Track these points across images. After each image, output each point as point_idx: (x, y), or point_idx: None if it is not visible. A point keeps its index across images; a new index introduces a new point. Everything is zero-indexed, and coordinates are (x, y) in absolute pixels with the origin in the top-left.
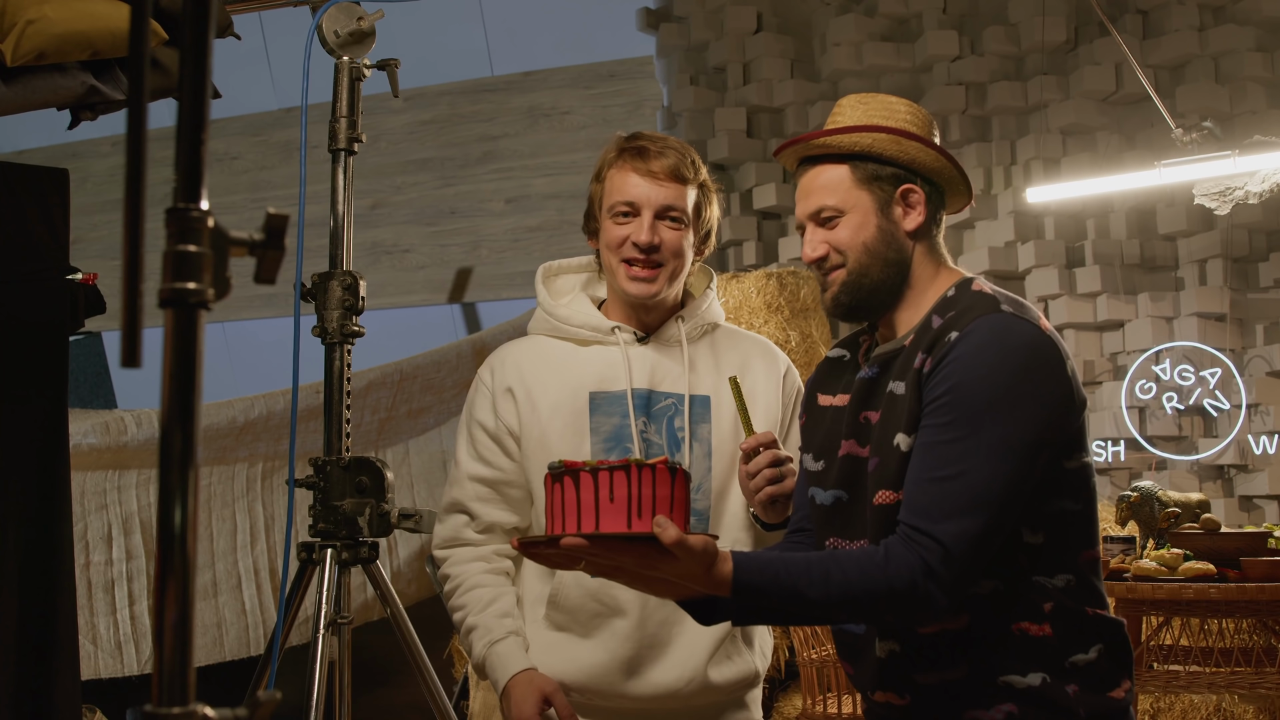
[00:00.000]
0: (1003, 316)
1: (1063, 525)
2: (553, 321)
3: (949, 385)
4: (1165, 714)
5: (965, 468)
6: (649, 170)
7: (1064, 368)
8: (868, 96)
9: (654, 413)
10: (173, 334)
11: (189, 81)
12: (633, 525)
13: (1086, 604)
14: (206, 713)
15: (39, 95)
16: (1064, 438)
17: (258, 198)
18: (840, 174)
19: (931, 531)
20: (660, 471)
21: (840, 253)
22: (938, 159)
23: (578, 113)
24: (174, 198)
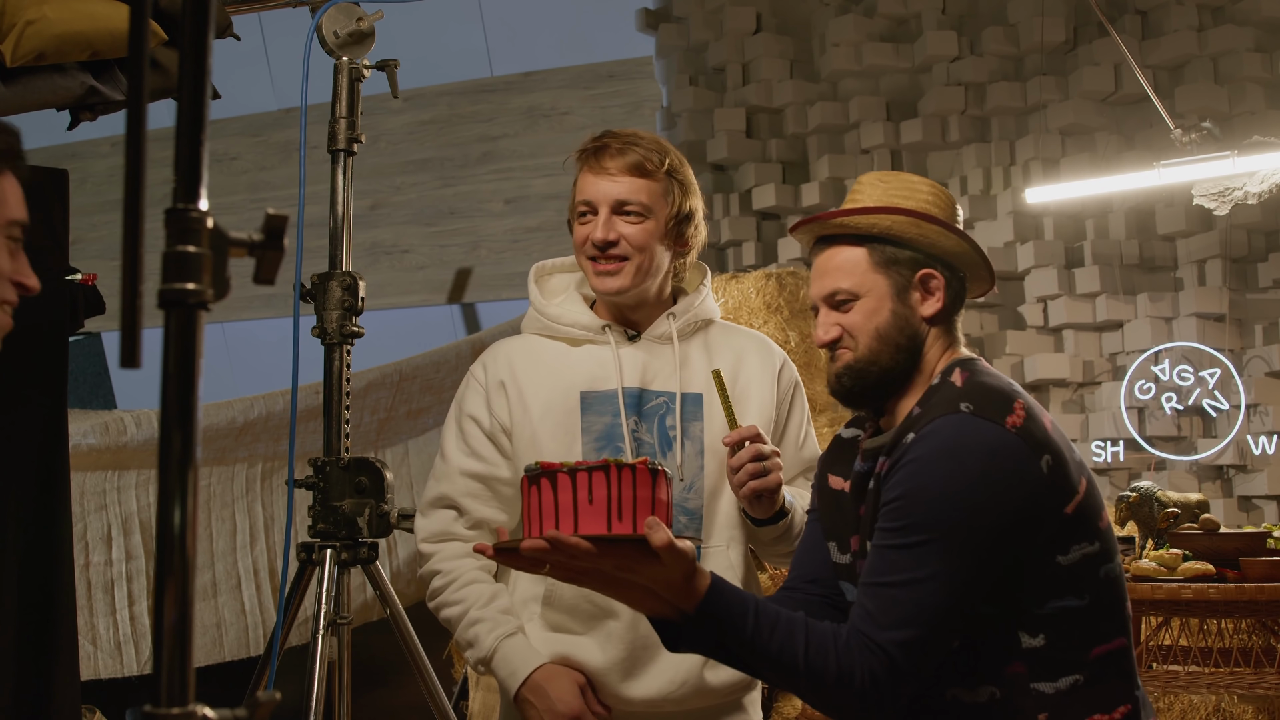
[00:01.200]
0: (959, 418)
1: (1065, 625)
2: (544, 321)
3: (901, 491)
4: (1164, 714)
5: (913, 576)
6: (602, 168)
7: (1031, 465)
8: (889, 175)
9: (645, 411)
10: (172, 334)
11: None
12: (612, 527)
13: (1091, 709)
14: (206, 713)
15: (38, 95)
16: (1044, 535)
17: (257, 198)
18: (857, 256)
19: (878, 640)
20: (641, 472)
21: (853, 337)
22: (959, 244)
23: (577, 113)
24: (173, 198)
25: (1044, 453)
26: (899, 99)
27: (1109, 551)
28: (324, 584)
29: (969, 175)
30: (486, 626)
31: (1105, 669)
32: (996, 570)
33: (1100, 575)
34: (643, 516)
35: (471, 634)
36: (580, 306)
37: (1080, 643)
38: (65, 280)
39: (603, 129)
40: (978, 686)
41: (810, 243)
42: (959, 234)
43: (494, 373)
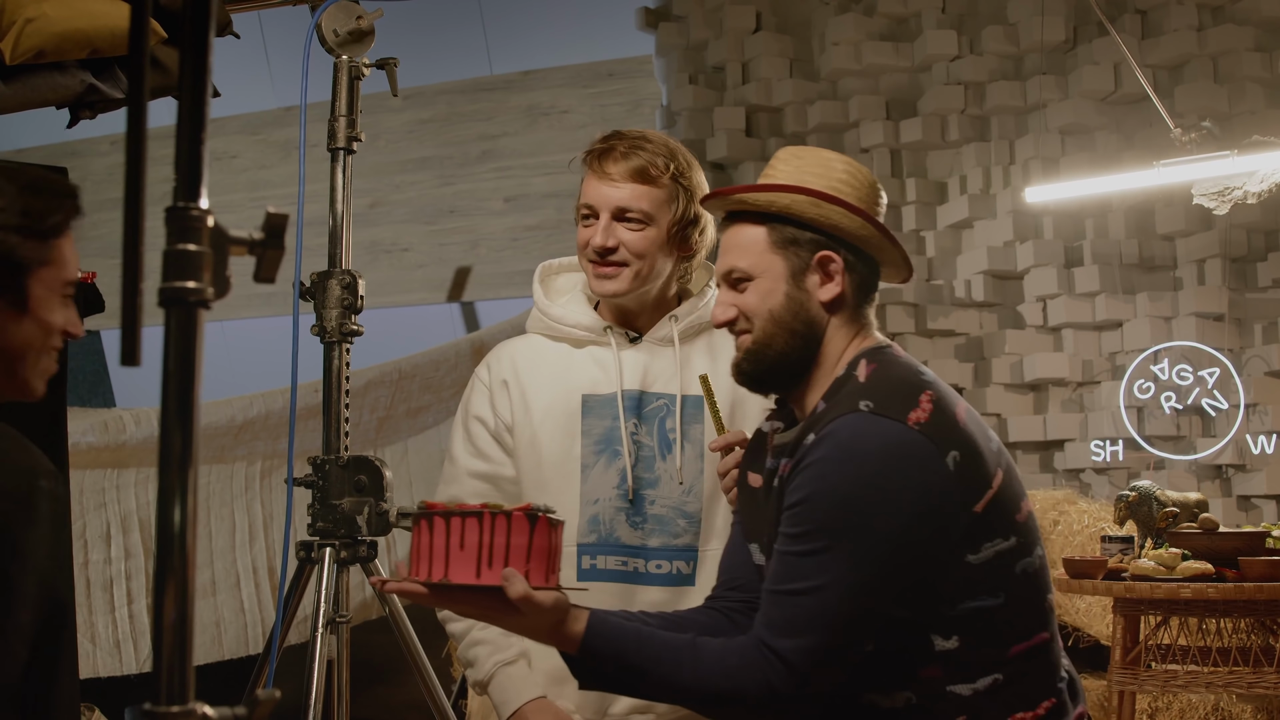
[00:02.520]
0: (858, 417)
1: (979, 625)
2: (547, 321)
3: (801, 496)
4: (1163, 713)
5: (814, 583)
6: (605, 173)
7: (935, 463)
8: (805, 152)
9: (645, 414)
10: (173, 333)
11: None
12: (481, 575)
13: (1013, 709)
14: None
15: (38, 93)
16: (952, 535)
17: (257, 197)
18: (756, 235)
19: (776, 647)
20: (517, 519)
21: (748, 318)
22: (864, 226)
23: (577, 112)
24: (174, 196)
25: (950, 449)
26: (899, 98)
27: (1027, 545)
28: (323, 582)
29: (969, 174)
30: (487, 650)
31: (1026, 666)
32: (904, 573)
33: (1016, 571)
34: (515, 564)
35: (473, 654)
36: (584, 307)
37: (997, 642)
38: None
39: (612, 129)
40: (893, 691)
41: (721, 217)
42: (864, 216)
43: (497, 372)
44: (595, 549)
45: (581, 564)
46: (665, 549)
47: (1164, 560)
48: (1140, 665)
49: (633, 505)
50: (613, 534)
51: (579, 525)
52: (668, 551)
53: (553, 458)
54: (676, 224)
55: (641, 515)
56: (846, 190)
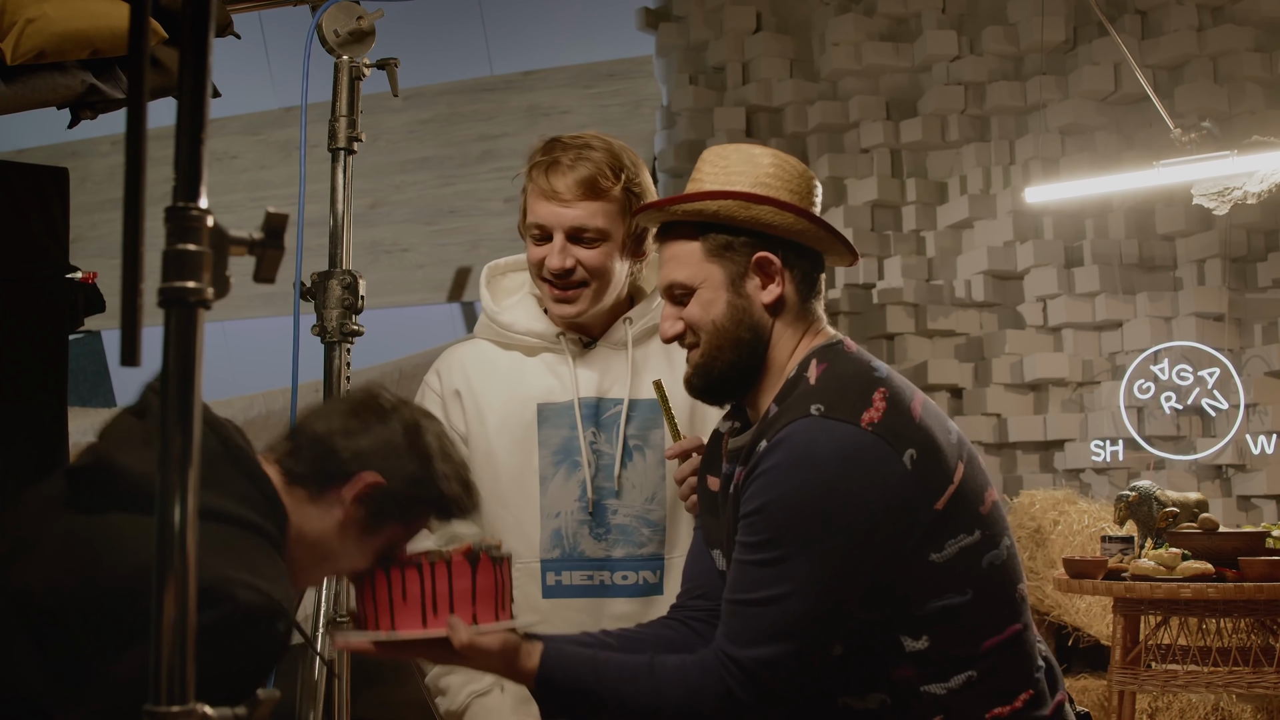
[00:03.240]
0: (810, 422)
1: (948, 624)
2: (496, 328)
3: (757, 505)
4: (1163, 713)
5: (774, 593)
6: (554, 191)
7: (892, 463)
8: (729, 149)
9: (604, 421)
10: (173, 333)
11: (189, 80)
12: (428, 623)
13: (990, 704)
14: (206, 711)
15: (39, 94)
16: (914, 535)
17: (257, 197)
18: (691, 247)
19: (738, 658)
20: (457, 564)
21: (694, 331)
22: (798, 221)
23: (577, 112)
24: (173, 197)
25: (907, 447)
26: (899, 98)
27: (992, 538)
28: (323, 581)
29: (969, 175)
30: (460, 679)
31: (1000, 660)
32: (865, 577)
33: (983, 566)
34: (461, 608)
35: (444, 683)
36: (534, 312)
37: (968, 639)
38: (65, 279)
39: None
40: (866, 694)
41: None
42: (795, 211)
43: (449, 381)
44: (560, 564)
45: (546, 580)
46: (630, 559)
47: (1164, 560)
48: (1140, 665)
49: (595, 516)
50: (576, 548)
51: (541, 540)
52: (633, 562)
53: (510, 470)
54: (630, 234)
55: (605, 526)
56: (776, 185)
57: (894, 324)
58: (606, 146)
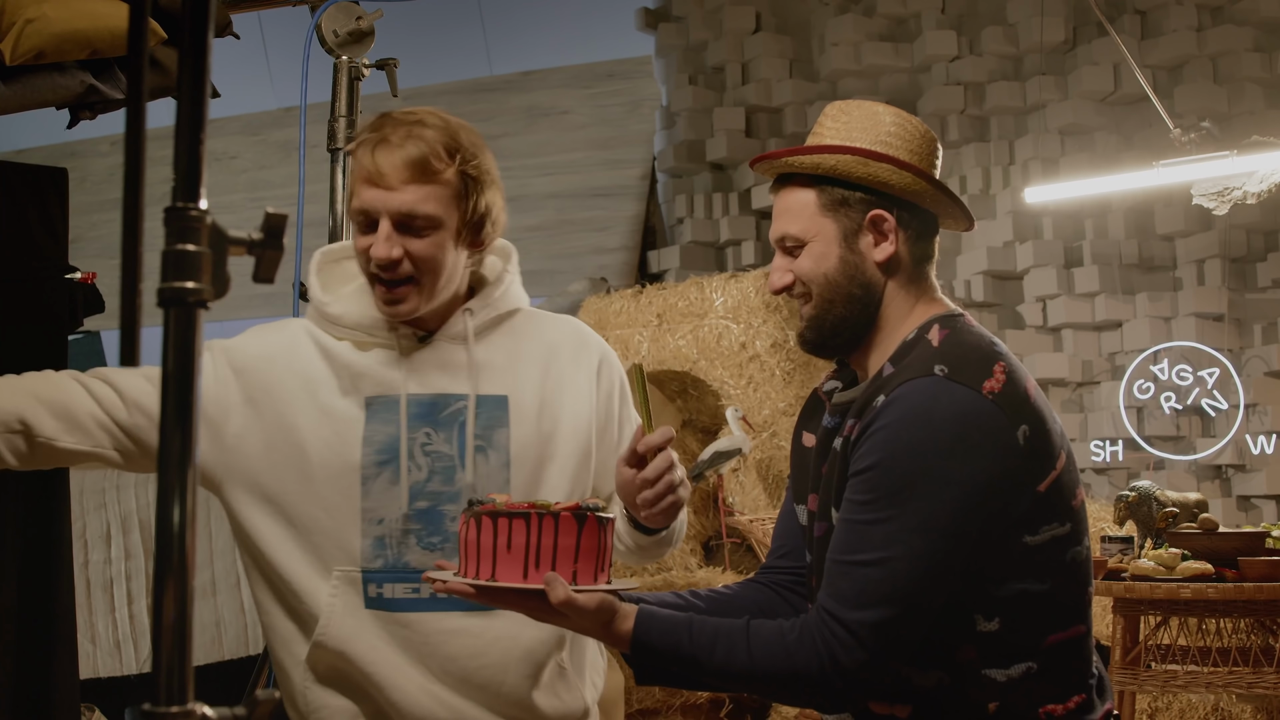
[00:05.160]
0: (932, 381)
1: (1022, 610)
2: (329, 320)
3: (870, 461)
4: (1163, 714)
5: (884, 554)
6: (379, 172)
7: (1007, 435)
8: (852, 105)
9: (441, 419)
10: (172, 333)
11: (188, 81)
12: (529, 576)
13: (1044, 699)
14: (205, 712)
15: (38, 94)
16: (1018, 512)
17: (256, 197)
18: (806, 199)
19: (844, 619)
20: (564, 520)
21: (805, 284)
22: (916, 181)
23: (576, 112)
24: (173, 197)
25: (1022, 422)
26: (898, 98)
27: (1079, 533)
28: None
29: (968, 175)
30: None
31: (1060, 657)
32: (970, 544)
33: (1066, 559)
34: (563, 565)
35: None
36: (366, 305)
37: (1036, 629)
38: (65, 279)
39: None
40: (927, 668)
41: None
42: (914, 170)
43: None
44: (382, 576)
45: (368, 592)
46: None
47: (1164, 560)
48: (1140, 665)
49: (428, 524)
50: (401, 558)
51: (362, 548)
52: None
53: (328, 469)
54: (466, 222)
55: (440, 534)
56: (896, 144)
57: None
58: (442, 124)
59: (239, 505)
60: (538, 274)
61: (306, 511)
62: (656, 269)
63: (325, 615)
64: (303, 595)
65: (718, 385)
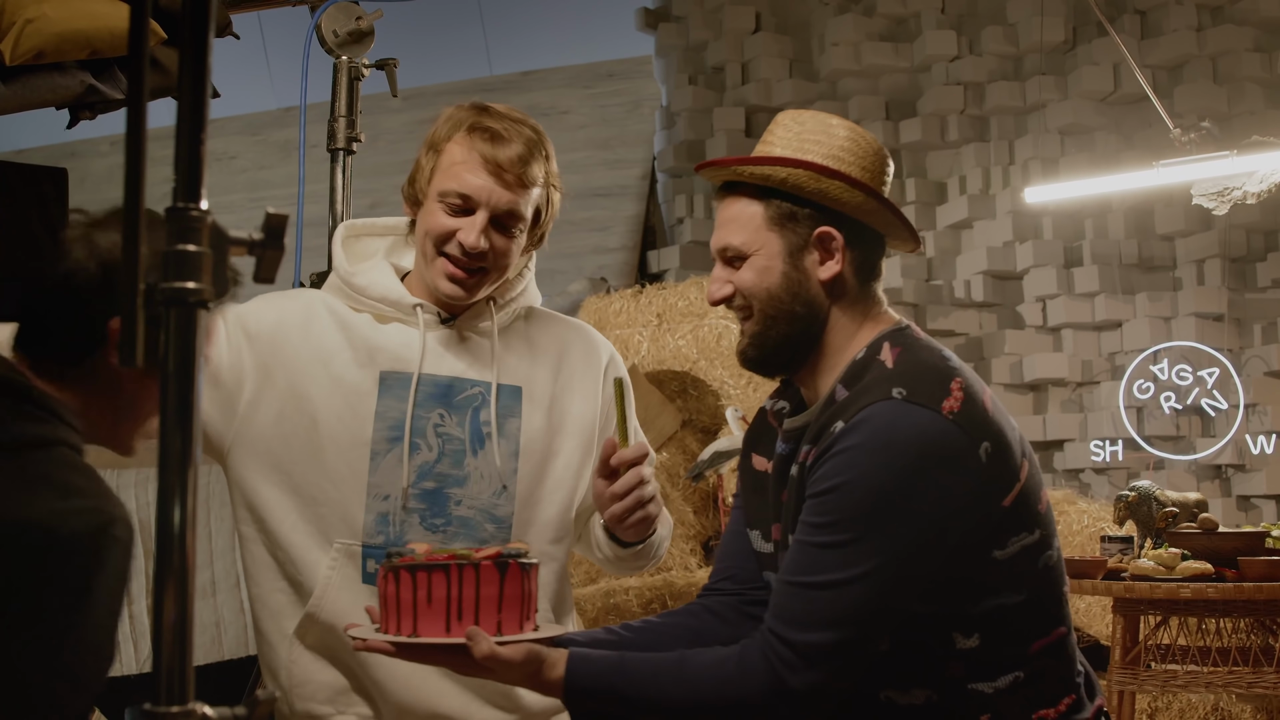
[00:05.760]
0: (891, 405)
1: (1002, 623)
2: (348, 291)
3: (829, 485)
4: (1163, 713)
5: (837, 577)
6: (497, 163)
7: (969, 456)
8: (805, 115)
9: (456, 403)
10: (172, 333)
11: (188, 81)
12: (451, 629)
13: (1036, 705)
14: (205, 712)
15: (38, 94)
16: (985, 529)
17: (256, 197)
18: (752, 210)
19: (791, 639)
20: (486, 569)
21: (745, 298)
22: (867, 200)
23: (577, 112)
24: (173, 197)
25: (983, 439)
26: (898, 98)
27: (1048, 537)
28: None
29: (968, 175)
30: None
31: (1046, 663)
32: (930, 569)
33: (1039, 566)
34: (486, 616)
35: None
36: (390, 279)
37: (1018, 639)
38: None
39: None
40: (911, 688)
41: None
42: (866, 190)
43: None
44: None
45: (366, 566)
46: None
47: (1164, 560)
48: (1140, 665)
49: (433, 506)
50: (403, 536)
51: (365, 522)
52: None
53: (337, 441)
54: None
55: (444, 516)
56: (849, 159)
57: None
58: (536, 127)
59: (245, 472)
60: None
61: (314, 481)
62: (656, 269)
63: (322, 586)
64: (301, 566)
65: (717, 385)
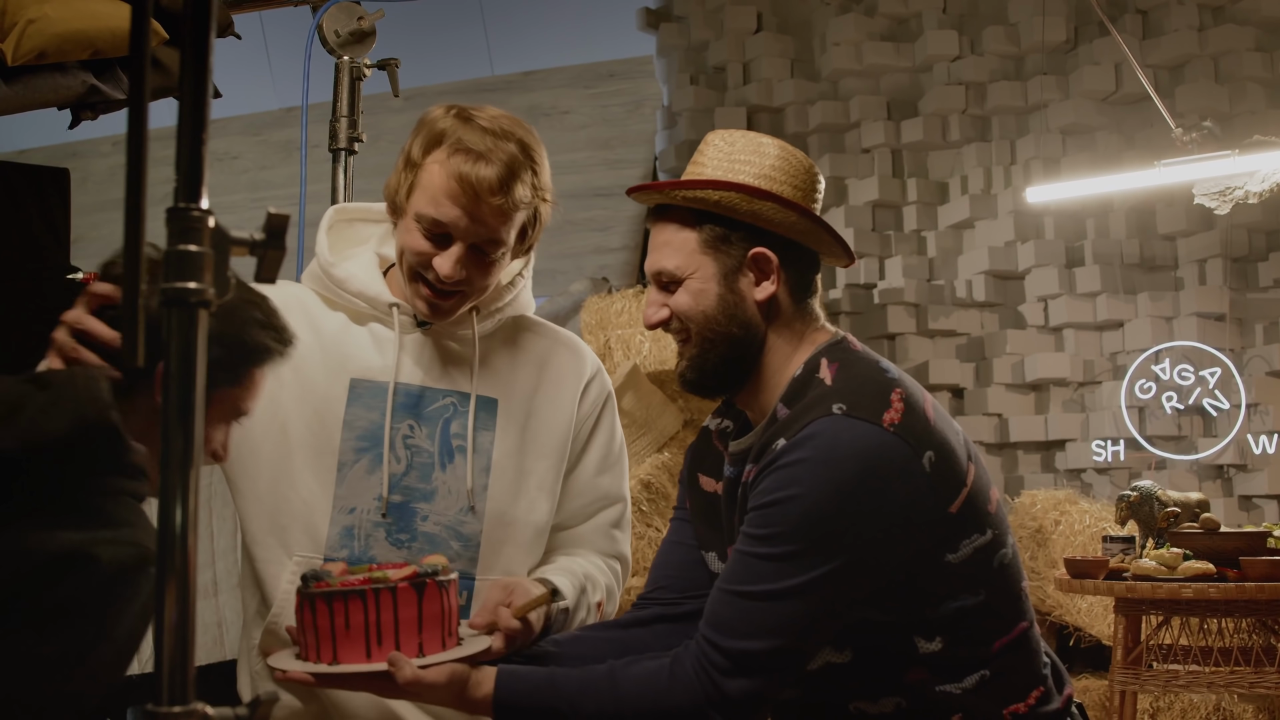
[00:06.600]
0: (833, 421)
1: (963, 624)
2: (327, 282)
3: (771, 498)
4: (1165, 713)
5: (775, 587)
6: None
7: (913, 466)
8: (736, 135)
9: (426, 414)
10: (174, 333)
11: (189, 81)
12: (372, 655)
13: (1005, 701)
14: (207, 712)
15: (40, 94)
16: (934, 536)
17: (258, 197)
18: (685, 235)
19: (725, 646)
20: (403, 591)
21: (682, 321)
22: (800, 220)
23: (578, 112)
24: (175, 197)
25: (926, 449)
26: (900, 98)
27: (1001, 535)
28: None
29: (969, 174)
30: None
31: (1011, 659)
32: (872, 579)
33: (994, 565)
34: (407, 638)
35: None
36: (373, 274)
37: (980, 639)
38: (66, 279)
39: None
40: (879, 697)
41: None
42: (798, 210)
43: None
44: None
45: None
46: None
47: (1165, 560)
48: (1142, 665)
49: (398, 520)
50: (367, 551)
51: (329, 535)
52: None
53: (305, 449)
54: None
55: (409, 532)
56: (780, 179)
57: (895, 324)
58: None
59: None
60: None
61: (280, 491)
62: None
63: (281, 600)
64: (264, 577)
65: None
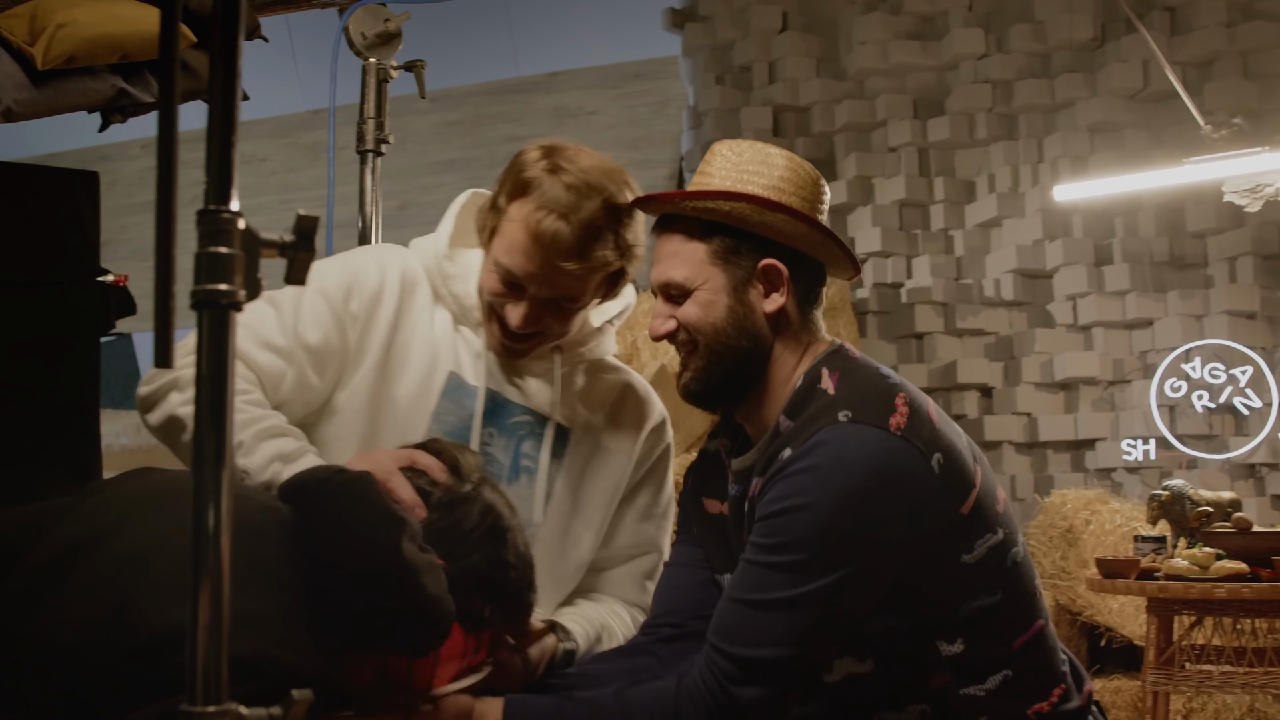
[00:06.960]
0: (840, 428)
1: (984, 624)
2: (439, 277)
3: (780, 507)
4: (1198, 714)
5: (786, 595)
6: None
7: (922, 469)
8: (744, 145)
9: (504, 426)
10: (205, 335)
11: (218, 84)
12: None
13: (1029, 700)
14: (241, 711)
15: (69, 98)
16: (948, 538)
17: (286, 199)
18: (694, 245)
19: (734, 654)
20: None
21: (689, 333)
22: (811, 232)
23: (604, 113)
24: (205, 200)
25: (934, 451)
26: (926, 97)
27: (1012, 534)
28: None
29: (997, 173)
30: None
31: (1031, 658)
32: (883, 585)
33: (1008, 564)
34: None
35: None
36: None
37: (1001, 638)
38: (96, 281)
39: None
40: (905, 705)
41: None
42: (808, 222)
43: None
44: None
45: None
46: None
47: (1198, 560)
48: (1174, 666)
49: None
50: None
51: None
52: None
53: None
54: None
55: None
56: (789, 190)
57: (923, 323)
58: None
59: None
60: None
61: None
62: None
63: None
64: None
65: None
